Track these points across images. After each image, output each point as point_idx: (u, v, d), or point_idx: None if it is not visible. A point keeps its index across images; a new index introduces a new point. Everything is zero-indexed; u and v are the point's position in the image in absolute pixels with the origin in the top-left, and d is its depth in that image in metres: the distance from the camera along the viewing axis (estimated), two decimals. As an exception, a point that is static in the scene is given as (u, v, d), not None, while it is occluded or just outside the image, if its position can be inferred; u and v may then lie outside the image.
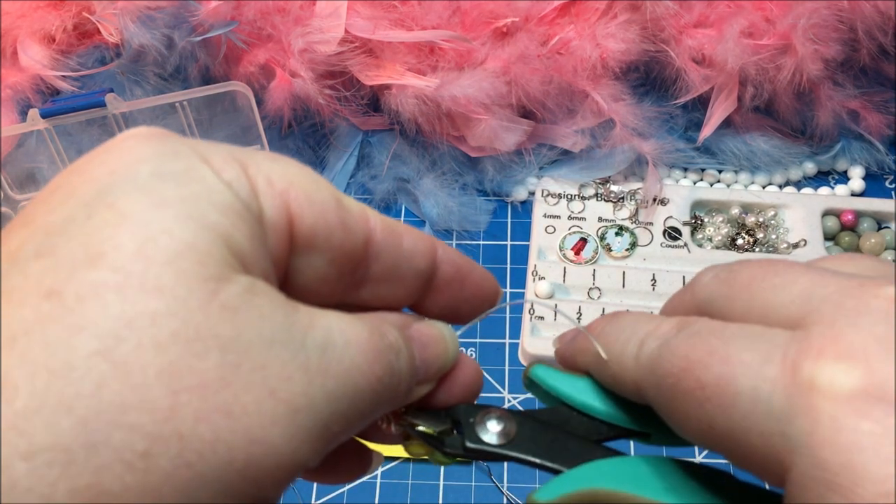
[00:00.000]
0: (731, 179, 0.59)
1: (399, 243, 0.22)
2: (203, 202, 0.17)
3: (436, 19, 0.55)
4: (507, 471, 0.47)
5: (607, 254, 0.54)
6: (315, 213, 0.20)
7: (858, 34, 0.52)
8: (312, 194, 0.20)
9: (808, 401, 0.16)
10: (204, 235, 0.17)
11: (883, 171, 0.58)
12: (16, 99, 0.56)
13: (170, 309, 0.16)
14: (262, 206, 0.19)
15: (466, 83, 0.53)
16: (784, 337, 0.18)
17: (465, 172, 0.58)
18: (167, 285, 0.16)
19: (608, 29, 0.54)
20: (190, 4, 0.54)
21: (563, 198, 0.57)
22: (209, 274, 0.17)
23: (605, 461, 0.22)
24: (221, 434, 0.16)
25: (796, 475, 0.16)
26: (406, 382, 0.21)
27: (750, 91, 0.54)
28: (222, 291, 0.17)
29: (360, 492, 0.47)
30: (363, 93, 0.57)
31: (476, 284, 0.25)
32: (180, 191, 0.17)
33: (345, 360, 0.18)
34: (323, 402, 0.18)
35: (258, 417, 0.16)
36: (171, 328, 0.16)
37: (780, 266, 0.20)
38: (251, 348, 0.17)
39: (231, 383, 0.16)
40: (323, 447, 0.18)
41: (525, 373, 0.26)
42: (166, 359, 0.16)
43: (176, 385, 0.16)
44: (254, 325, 0.17)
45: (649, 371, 0.20)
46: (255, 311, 0.17)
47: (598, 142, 0.57)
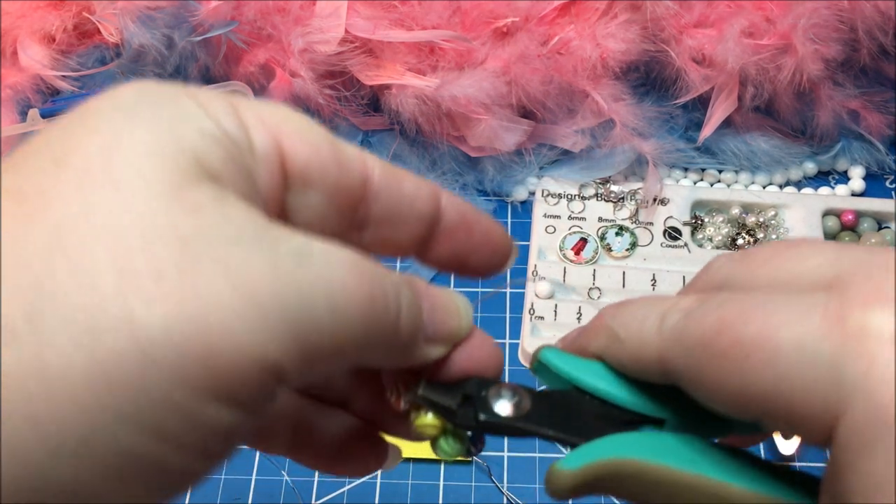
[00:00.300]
0: (731, 179, 0.59)
1: (400, 186, 0.22)
2: (178, 122, 0.18)
3: (436, 19, 0.55)
4: (507, 471, 0.47)
5: (607, 254, 0.54)
6: (308, 149, 0.20)
7: (859, 34, 0.52)
8: (305, 132, 0.20)
9: (861, 346, 0.16)
10: (172, 146, 0.17)
11: (883, 171, 0.58)
12: (16, 99, 0.56)
13: (127, 202, 0.16)
14: (252, 139, 0.19)
15: (466, 83, 0.53)
16: (821, 295, 0.18)
17: (465, 172, 0.58)
18: (127, 181, 0.16)
19: (608, 29, 0.54)
20: (190, 4, 0.54)
21: (563, 198, 0.57)
22: (173, 177, 0.17)
23: (629, 434, 0.22)
24: (175, 321, 0.15)
25: (850, 420, 0.16)
26: (408, 325, 0.20)
27: (750, 91, 0.54)
28: (186, 192, 0.17)
29: (360, 492, 0.47)
30: (363, 93, 0.57)
31: (484, 233, 0.24)
32: (157, 111, 0.18)
33: (324, 272, 0.18)
34: (296, 306, 0.17)
35: (217, 308, 0.16)
36: (126, 219, 0.16)
37: (797, 242, 0.20)
38: (213, 244, 0.16)
39: (188, 273, 0.16)
40: (301, 355, 0.17)
41: (533, 355, 0.25)
42: (118, 246, 0.16)
43: (127, 270, 0.15)
44: (218, 224, 0.17)
45: (676, 340, 0.20)
46: (220, 212, 0.17)
47: (598, 142, 0.57)
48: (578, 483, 0.21)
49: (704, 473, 0.20)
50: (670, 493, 0.20)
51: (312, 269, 0.17)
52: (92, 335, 0.15)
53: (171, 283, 0.16)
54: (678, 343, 0.20)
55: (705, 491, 0.20)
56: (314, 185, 0.20)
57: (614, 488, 0.21)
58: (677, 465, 0.20)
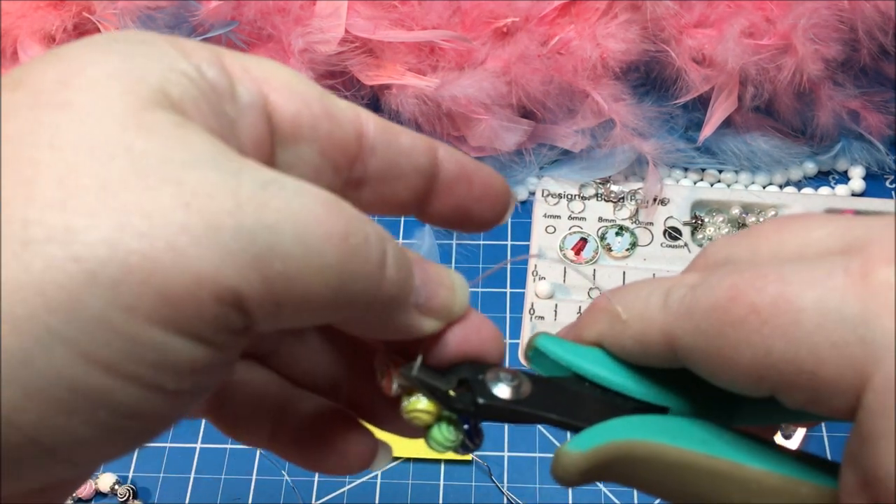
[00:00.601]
0: (731, 179, 0.59)
1: (396, 140, 0.21)
2: (149, 59, 0.17)
3: (436, 19, 0.55)
4: (507, 471, 0.47)
5: (607, 254, 0.54)
6: (297, 102, 0.19)
7: (859, 34, 0.52)
8: (293, 84, 0.19)
9: (889, 301, 0.16)
10: (136, 75, 0.16)
11: (883, 171, 0.58)
12: (16, 99, 0.56)
13: (78, 121, 0.15)
14: (235, 88, 0.18)
15: (466, 83, 0.53)
16: (838, 258, 0.17)
17: (466, 172, 0.58)
18: (81, 103, 0.16)
19: (608, 29, 0.54)
20: (190, 4, 0.54)
21: (563, 198, 0.57)
22: (132, 102, 0.16)
23: (635, 416, 0.21)
24: (119, 236, 0.14)
25: (880, 381, 0.15)
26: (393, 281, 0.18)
27: (750, 91, 0.54)
28: (144, 115, 0.16)
29: (360, 492, 0.47)
30: (363, 93, 0.57)
31: (484, 183, 0.23)
32: (130, 48, 0.17)
33: (293, 202, 0.16)
34: (257, 231, 0.15)
35: (165, 225, 0.15)
36: (75, 136, 0.15)
37: (799, 216, 0.19)
38: (167, 164, 0.15)
39: (136, 189, 0.15)
40: (265, 287, 0.16)
41: (528, 342, 0.23)
42: (62, 158, 0.15)
43: (70, 183, 0.15)
44: (174, 147, 0.16)
45: (684, 314, 0.19)
46: (178, 137, 0.16)
47: (599, 142, 0.57)
48: (588, 466, 0.20)
49: (719, 455, 0.19)
50: (683, 477, 0.19)
51: (279, 196, 0.16)
52: (27, 246, 0.14)
53: (117, 198, 0.15)
54: (686, 316, 0.18)
55: (720, 473, 0.19)
56: (305, 140, 0.19)
57: (624, 474, 0.20)
58: (691, 446, 0.19)
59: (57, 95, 0.16)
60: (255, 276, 0.15)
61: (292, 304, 0.16)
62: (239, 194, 0.15)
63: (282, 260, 0.16)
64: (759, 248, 0.19)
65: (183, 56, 0.18)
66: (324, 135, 0.20)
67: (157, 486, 0.48)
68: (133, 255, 0.14)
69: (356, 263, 0.17)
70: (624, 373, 0.21)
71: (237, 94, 0.18)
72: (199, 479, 0.48)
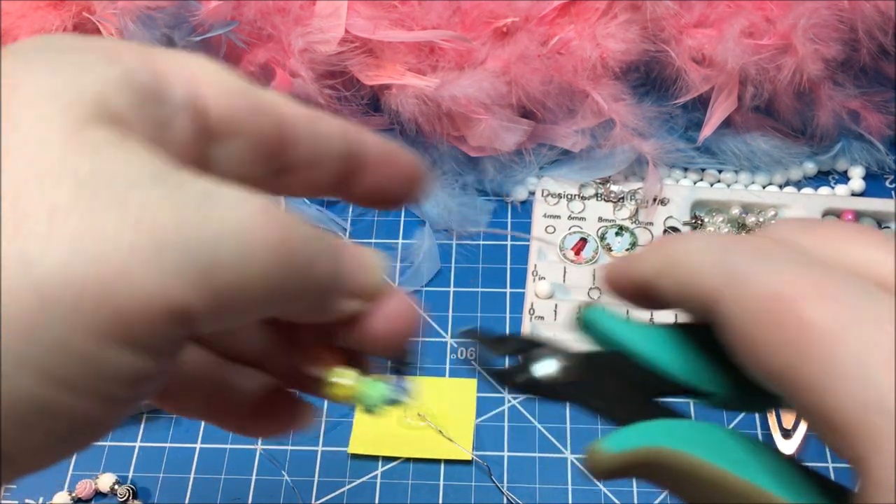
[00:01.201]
0: (731, 179, 0.59)
1: (319, 128, 0.22)
2: (81, 68, 0.17)
3: (436, 19, 0.55)
4: (507, 471, 0.47)
5: (607, 254, 0.54)
6: (227, 98, 0.20)
7: (859, 34, 0.52)
8: (223, 80, 0.20)
9: None
10: (73, 90, 0.17)
11: (883, 171, 0.58)
12: (16, 99, 0.56)
13: (23, 143, 0.16)
14: (167, 89, 0.19)
15: (466, 83, 0.53)
16: (886, 303, 0.16)
17: (465, 172, 0.58)
18: (24, 123, 0.16)
19: (608, 29, 0.54)
20: (190, 4, 0.54)
21: (563, 198, 0.57)
22: (72, 119, 0.16)
23: (673, 421, 0.20)
24: (71, 261, 0.15)
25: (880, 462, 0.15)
26: (324, 273, 0.20)
27: (750, 91, 0.54)
28: (85, 134, 0.16)
29: (360, 492, 0.47)
30: (363, 93, 0.57)
31: (401, 164, 0.24)
32: (61, 57, 0.17)
33: (232, 213, 0.17)
34: (200, 245, 0.16)
35: (114, 247, 0.15)
36: (22, 161, 0.15)
37: (857, 229, 0.19)
38: (111, 184, 0.16)
39: (83, 212, 0.15)
40: (209, 298, 0.17)
41: (579, 312, 0.23)
42: (12, 186, 0.15)
43: (20, 209, 0.15)
44: (117, 166, 0.16)
45: (736, 285, 0.18)
46: (120, 154, 0.16)
47: (598, 142, 0.57)
48: (617, 467, 0.20)
49: (752, 479, 0.19)
50: (712, 494, 0.19)
51: (218, 208, 0.17)
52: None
53: (66, 223, 0.15)
54: (736, 289, 0.18)
55: (750, 498, 0.18)
56: (236, 135, 0.20)
57: (655, 477, 0.20)
58: (725, 465, 0.19)
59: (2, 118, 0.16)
60: (203, 289, 0.16)
61: (236, 309, 0.17)
62: (181, 209, 0.16)
63: (226, 270, 0.17)
64: (836, 249, 0.18)
65: (115, 62, 0.18)
66: (254, 128, 0.20)
67: (157, 486, 0.48)
68: (88, 280, 0.15)
69: (292, 265, 0.18)
70: (671, 353, 0.21)
71: (170, 95, 0.19)
72: (199, 479, 0.48)
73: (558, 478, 0.47)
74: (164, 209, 0.16)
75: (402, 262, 0.56)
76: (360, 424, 0.49)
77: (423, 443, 0.48)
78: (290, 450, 0.49)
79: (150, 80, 0.18)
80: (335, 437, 0.49)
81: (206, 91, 0.19)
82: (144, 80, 0.18)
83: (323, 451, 0.49)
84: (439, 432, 0.48)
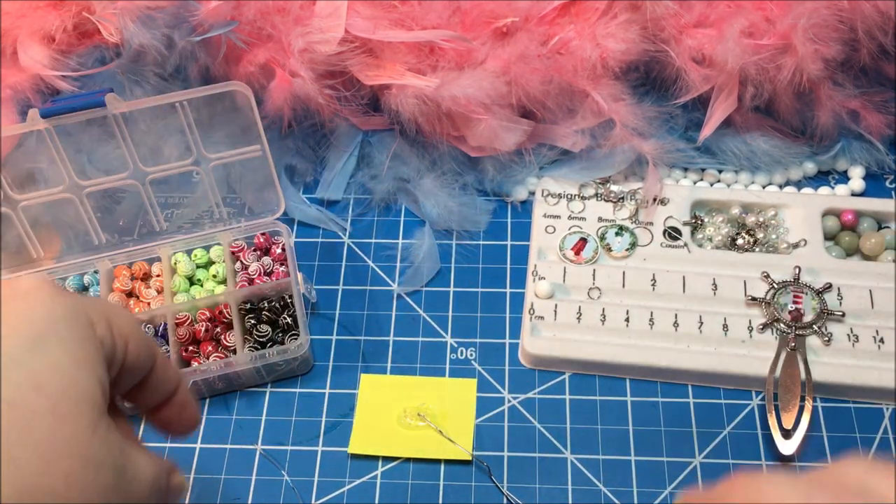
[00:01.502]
0: (731, 179, 0.59)
1: (165, 369, 0.32)
2: (92, 356, 0.27)
3: (436, 19, 0.55)
4: (507, 471, 0.47)
5: (607, 254, 0.54)
6: (137, 352, 0.30)
7: (858, 34, 0.52)
8: (139, 340, 0.30)
9: None
10: (91, 378, 0.27)
11: (883, 171, 0.58)
12: (16, 99, 0.56)
13: (68, 433, 0.25)
14: (115, 351, 0.29)
15: (466, 83, 0.53)
16: None
17: (465, 172, 0.58)
18: (68, 415, 0.25)
19: (608, 29, 0.54)
20: (190, 4, 0.54)
21: (563, 198, 0.57)
22: (92, 410, 0.26)
23: None
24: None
25: None
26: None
27: (750, 91, 0.54)
28: (98, 426, 0.26)
29: (361, 492, 0.47)
30: (363, 93, 0.57)
31: (191, 410, 0.34)
32: (77, 346, 0.27)
33: (138, 490, 0.28)
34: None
35: None
36: (65, 446, 0.25)
37: None
38: (103, 468, 0.26)
39: (93, 492, 0.25)
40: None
41: None
42: (56, 467, 0.25)
43: (70, 481, 0.25)
44: (110, 453, 0.26)
45: None
46: (111, 442, 0.26)
47: (598, 142, 0.57)
48: None
49: None
50: None
51: (134, 489, 0.27)
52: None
53: (73, 486, 0.25)
54: None
55: None
56: (131, 373, 0.30)
57: None
58: None
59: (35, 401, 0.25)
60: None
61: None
62: (119, 490, 0.27)
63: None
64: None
65: (101, 349, 0.28)
66: (141, 369, 0.30)
67: (157, 486, 0.48)
68: None
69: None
70: None
71: (116, 355, 0.29)
72: (199, 479, 0.48)
73: (558, 478, 0.47)
74: (112, 491, 0.26)
75: (402, 262, 0.56)
76: (360, 424, 0.49)
77: (423, 443, 0.48)
78: (290, 450, 0.49)
79: (110, 346, 0.28)
80: (335, 437, 0.49)
81: (128, 348, 0.29)
82: (108, 348, 0.28)
83: (323, 451, 0.48)
84: (439, 432, 0.48)
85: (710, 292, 0.52)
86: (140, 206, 0.56)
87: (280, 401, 0.51)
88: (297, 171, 0.60)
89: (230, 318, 0.51)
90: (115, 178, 0.53)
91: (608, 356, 0.50)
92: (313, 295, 0.54)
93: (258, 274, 0.54)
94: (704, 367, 0.49)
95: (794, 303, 0.51)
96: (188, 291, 0.54)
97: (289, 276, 0.53)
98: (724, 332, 0.50)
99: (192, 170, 0.54)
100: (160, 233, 0.56)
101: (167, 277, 0.54)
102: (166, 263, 0.55)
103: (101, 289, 0.54)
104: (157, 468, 0.29)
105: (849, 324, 0.50)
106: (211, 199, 0.55)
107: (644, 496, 0.46)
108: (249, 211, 0.57)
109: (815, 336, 0.50)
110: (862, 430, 0.48)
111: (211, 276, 0.55)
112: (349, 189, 0.60)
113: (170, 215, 0.58)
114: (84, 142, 0.56)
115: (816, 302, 0.51)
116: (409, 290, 0.55)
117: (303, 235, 0.58)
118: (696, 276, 0.52)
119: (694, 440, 0.48)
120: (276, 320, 0.52)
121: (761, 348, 0.50)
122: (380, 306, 0.54)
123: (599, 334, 0.51)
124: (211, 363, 0.49)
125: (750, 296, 0.51)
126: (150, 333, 0.51)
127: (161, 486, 0.30)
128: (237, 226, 0.56)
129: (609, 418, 0.49)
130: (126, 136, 0.51)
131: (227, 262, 0.54)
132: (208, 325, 0.51)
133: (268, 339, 0.51)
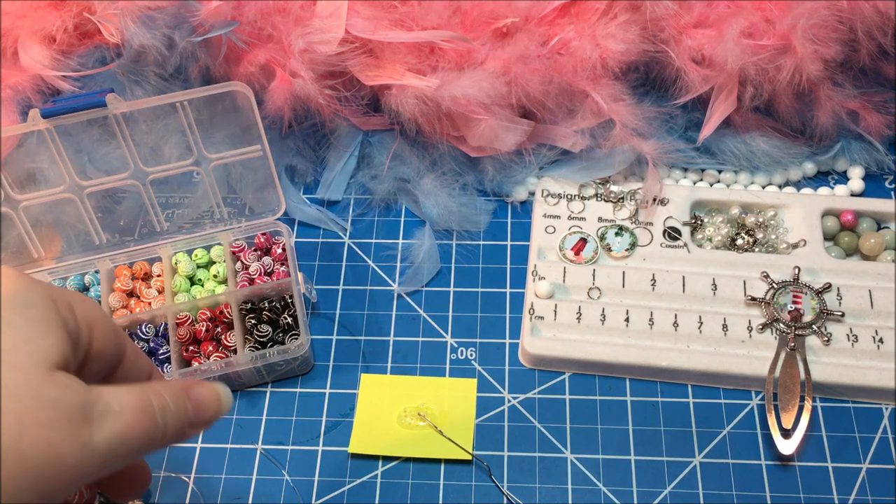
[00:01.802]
0: (730, 179, 0.59)
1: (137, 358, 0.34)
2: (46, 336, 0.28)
3: (436, 19, 0.55)
4: (507, 471, 0.47)
5: (607, 254, 0.54)
6: (103, 338, 0.31)
7: (858, 34, 0.52)
8: (105, 327, 0.32)
9: None
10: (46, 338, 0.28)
11: (883, 171, 0.58)
12: (16, 99, 0.56)
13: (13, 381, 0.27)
14: (80, 334, 0.30)
15: (466, 83, 0.53)
16: None
17: (465, 172, 0.58)
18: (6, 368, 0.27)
19: (608, 29, 0.54)
20: (190, 4, 0.55)
21: (563, 198, 0.57)
22: (40, 367, 0.27)
23: None
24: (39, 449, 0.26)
25: None
26: (173, 428, 0.31)
27: (750, 91, 0.54)
28: (55, 374, 0.28)
29: (360, 492, 0.47)
30: (363, 93, 0.57)
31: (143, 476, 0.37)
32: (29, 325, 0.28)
33: (118, 421, 0.28)
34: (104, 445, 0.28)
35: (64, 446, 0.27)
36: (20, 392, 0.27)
37: None
38: (61, 406, 0.27)
39: (51, 428, 0.27)
40: (108, 469, 0.28)
41: None
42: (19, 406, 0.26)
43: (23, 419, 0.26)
44: (67, 393, 0.28)
45: None
46: (69, 385, 0.28)
47: (598, 142, 0.57)
48: None
49: None
50: None
51: (111, 423, 0.28)
52: None
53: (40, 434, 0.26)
54: None
55: None
56: (99, 359, 0.32)
57: None
58: None
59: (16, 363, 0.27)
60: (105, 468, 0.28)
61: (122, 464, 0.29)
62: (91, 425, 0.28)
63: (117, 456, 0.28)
64: None
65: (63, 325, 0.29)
66: (110, 357, 0.32)
67: (158, 486, 0.48)
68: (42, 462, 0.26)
69: (154, 437, 0.30)
70: None
71: (83, 340, 0.30)
72: (199, 479, 0.48)
73: (558, 478, 0.47)
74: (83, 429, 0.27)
75: (403, 262, 0.56)
76: (361, 424, 0.49)
77: (423, 443, 0.48)
78: (290, 450, 0.49)
79: (74, 328, 0.30)
80: (335, 437, 0.49)
81: (95, 334, 0.31)
82: (72, 328, 0.30)
83: (323, 451, 0.49)
84: (439, 432, 0.48)
85: (709, 292, 0.52)
86: (141, 206, 0.57)
87: (280, 401, 0.51)
88: (297, 172, 0.60)
89: (231, 318, 0.51)
90: (116, 179, 0.53)
91: (608, 356, 0.50)
92: (314, 295, 0.54)
93: (259, 274, 0.54)
94: (704, 367, 0.49)
95: (793, 303, 0.51)
96: (189, 291, 0.54)
97: (289, 276, 0.53)
98: (724, 332, 0.50)
99: (192, 170, 0.54)
100: (161, 233, 0.56)
101: (168, 277, 0.54)
102: (167, 263, 0.55)
103: (101, 289, 0.54)
104: (142, 394, 0.30)
105: (848, 324, 0.50)
106: (211, 199, 0.55)
107: (644, 496, 0.46)
108: (250, 211, 0.57)
109: (815, 336, 0.50)
110: (861, 430, 0.48)
111: (211, 276, 0.55)
112: (349, 189, 0.60)
113: (170, 215, 0.58)
114: (85, 142, 0.56)
115: (816, 302, 0.51)
116: (409, 290, 0.55)
117: (303, 235, 0.58)
118: (695, 276, 0.53)
119: (694, 440, 0.48)
120: (277, 320, 0.52)
121: (761, 348, 0.50)
122: (380, 306, 0.54)
123: (599, 334, 0.51)
124: (211, 363, 0.49)
125: (749, 296, 0.51)
126: (151, 333, 0.52)
127: (164, 406, 0.30)
128: (238, 226, 0.56)
129: (609, 418, 0.49)
130: (127, 137, 0.51)
131: (227, 262, 0.54)
132: (209, 325, 0.51)
133: (268, 339, 0.51)
